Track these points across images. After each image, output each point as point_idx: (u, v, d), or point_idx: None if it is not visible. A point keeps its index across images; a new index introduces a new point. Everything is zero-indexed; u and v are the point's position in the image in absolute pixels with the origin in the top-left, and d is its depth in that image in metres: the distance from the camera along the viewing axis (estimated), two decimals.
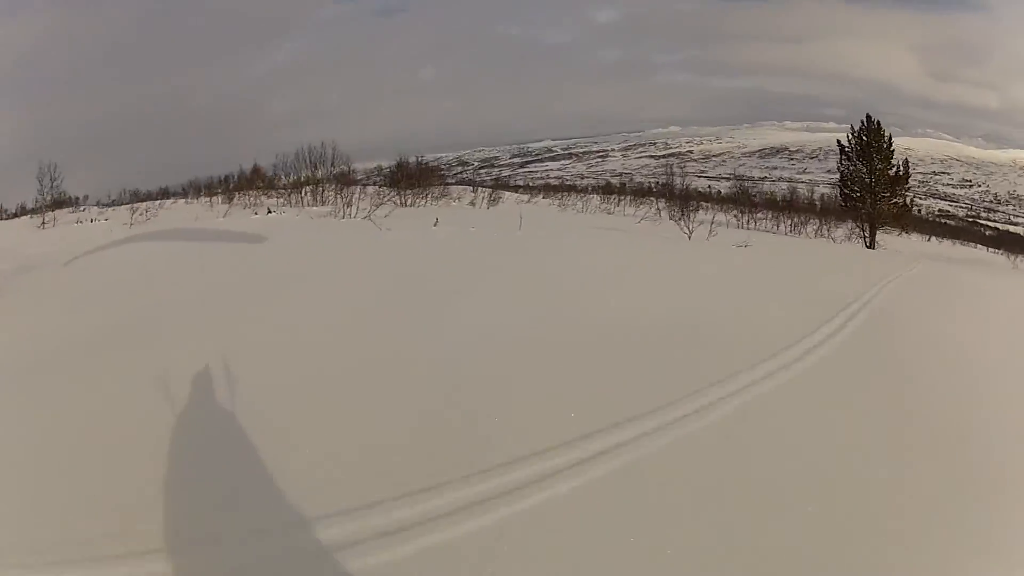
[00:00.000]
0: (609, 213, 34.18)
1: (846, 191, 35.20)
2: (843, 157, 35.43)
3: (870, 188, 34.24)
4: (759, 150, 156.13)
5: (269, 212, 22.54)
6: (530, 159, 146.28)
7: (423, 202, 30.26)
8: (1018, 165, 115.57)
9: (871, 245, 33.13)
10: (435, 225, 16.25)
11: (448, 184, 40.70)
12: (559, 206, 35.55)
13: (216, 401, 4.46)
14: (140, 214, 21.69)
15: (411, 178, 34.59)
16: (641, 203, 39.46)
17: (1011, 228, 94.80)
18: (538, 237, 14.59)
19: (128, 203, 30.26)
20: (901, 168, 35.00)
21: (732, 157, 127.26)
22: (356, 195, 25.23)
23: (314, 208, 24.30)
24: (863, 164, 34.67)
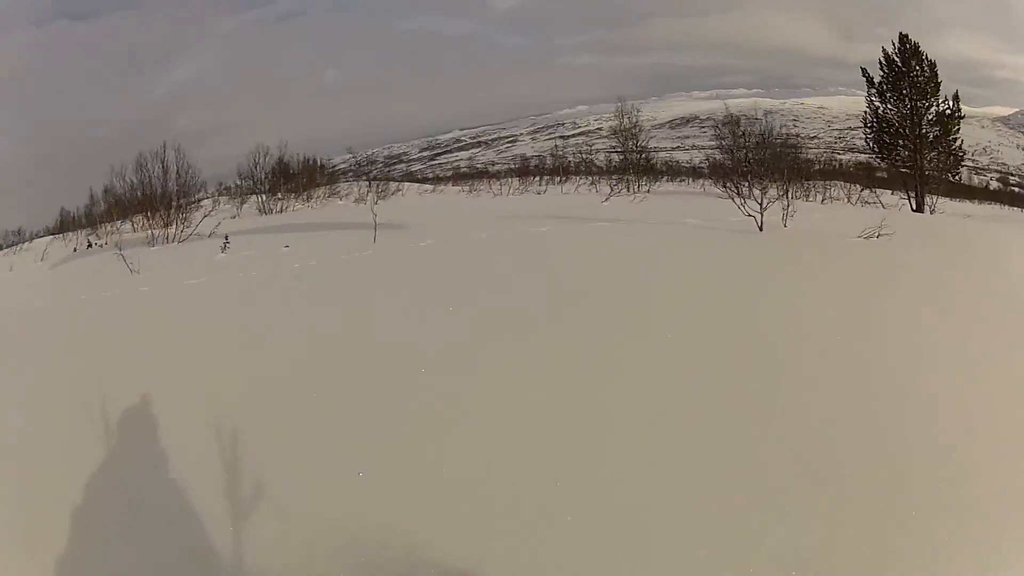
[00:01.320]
0: (539, 194, 27.94)
1: (883, 139, 27.95)
2: (872, 93, 28.19)
3: (912, 133, 27.22)
4: (669, 121, 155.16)
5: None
6: (440, 151, 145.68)
7: (300, 205, 25.95)
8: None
9: (920, 208, 26.16)
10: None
11: (337, 183, 35.10)
12: (469, 193, 29.98)
13: None
14: None
15: (290, 179, 30.84)
16: (569, 181, 34.30)
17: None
18: (426, 249, 10.64)
19: None
20: (951, 104, 27.46)
21: (642, 130, 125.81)
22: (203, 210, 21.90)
23: (129, 235, 20.23)
24: (900, 100, 27.57)
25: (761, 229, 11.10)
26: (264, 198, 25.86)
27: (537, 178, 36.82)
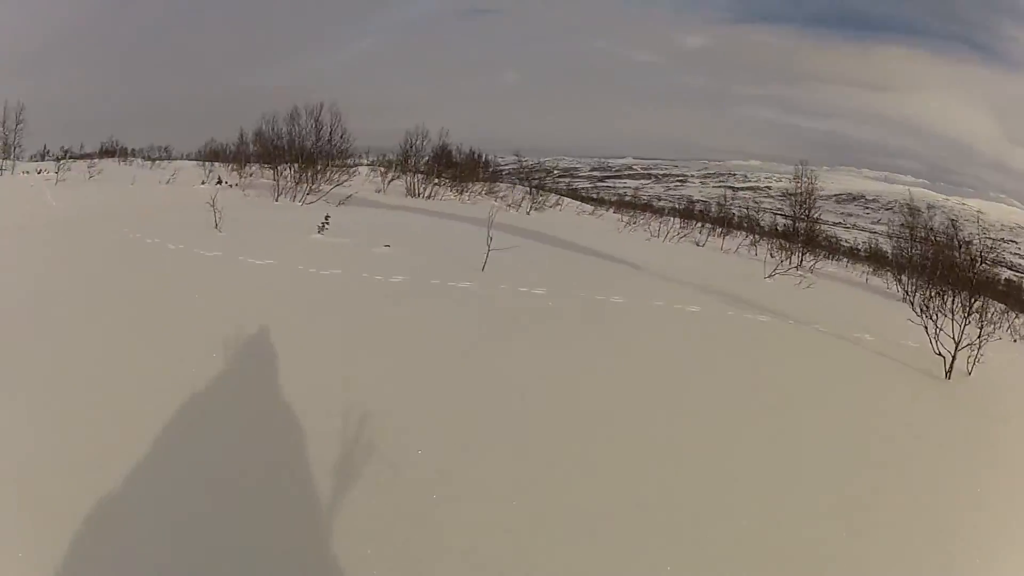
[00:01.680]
0: (698, 245, 25.78)
1: None
2: None
3: None
4: (836, 195, 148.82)
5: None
6: (609, 174, 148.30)
7: (452, 195, 24.74)
8: None
9: None
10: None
11: (498, 181, 34.41)
12: (627, 225, 27.81)
13: None
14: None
15: (449, 167, 29.40)
16: (731, 235, 32.14)
17: None
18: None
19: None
20: None
21: (816, 199, 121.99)
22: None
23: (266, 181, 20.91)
24: None
25: (948, 375, 8.20)
26: (416, 179, 24.74)
27: (700, 224, 34.95)
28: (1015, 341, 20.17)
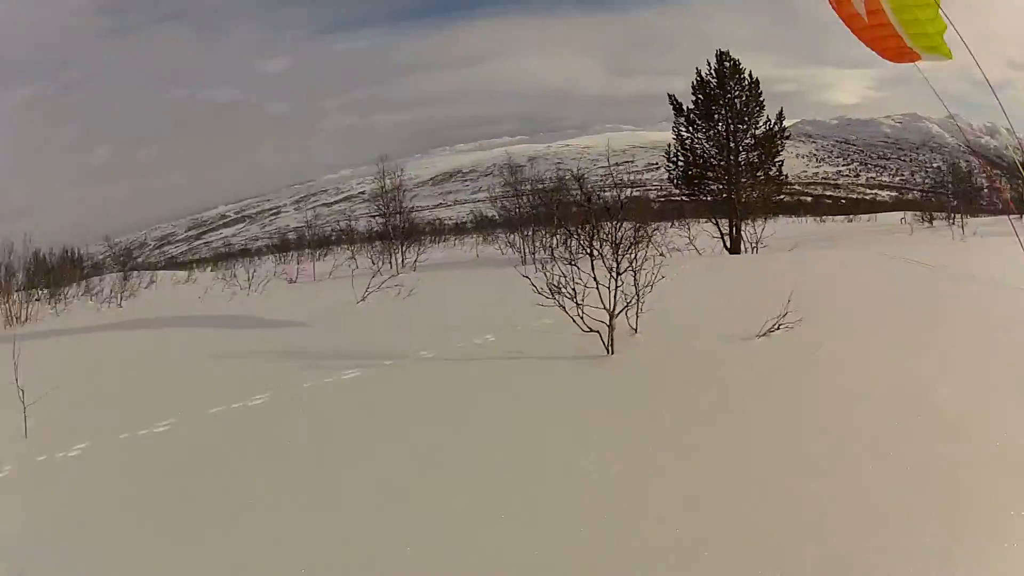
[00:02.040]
0: (291, 283, 22.77)
1: (692, 171, 25.21)
2: (680, 122, 25.44)
3: (728, 159, 24.59)
4: (432, 178, 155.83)
5: None
6: (205, 229, 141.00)
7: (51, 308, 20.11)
8: None
9: (736, 248, 23.73)
10: None
11: (95, 276, 29.81)
12: (224, 280, 24.10)
13: None
14: None
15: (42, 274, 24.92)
16: (329, 253, 32.43)
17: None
18: None
19: None
20: (774, 122, 25.10)
21: (406, 190, 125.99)
22: None
23: None
24: (713, 125, 24.91)
25: (611, 350, 7.40)
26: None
27: (295, 253, 33.44)
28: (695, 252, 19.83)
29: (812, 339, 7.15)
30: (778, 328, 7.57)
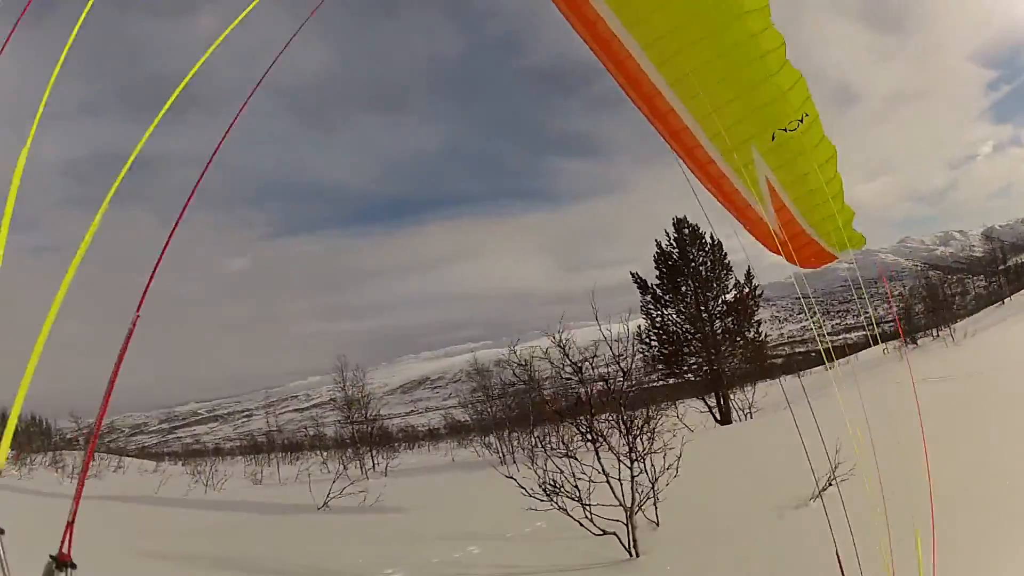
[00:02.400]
0: (256, 483, 22.12)
1: (667, 349, 24.32)
2: (648, 300, 24.76)
3: (703, 330, 23.69)
4: (401, 385, 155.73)
5: None
6: (178, 423, 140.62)
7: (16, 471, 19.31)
8: None
9: (727, 418, 22.64)
10: None
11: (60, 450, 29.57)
12: (193, 476, 22.88)
13: None
14: None
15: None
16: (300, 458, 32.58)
17: None
18: None
19: None
20: (744, 283, 24.72)
21: (375, 398, 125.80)
22: None
23: None
24: (681, 297, 24.21)
25: (635, 552, 6.39)
26: None
27: (265, 456, 34.40)
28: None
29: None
30: (831, 485, 6.81)
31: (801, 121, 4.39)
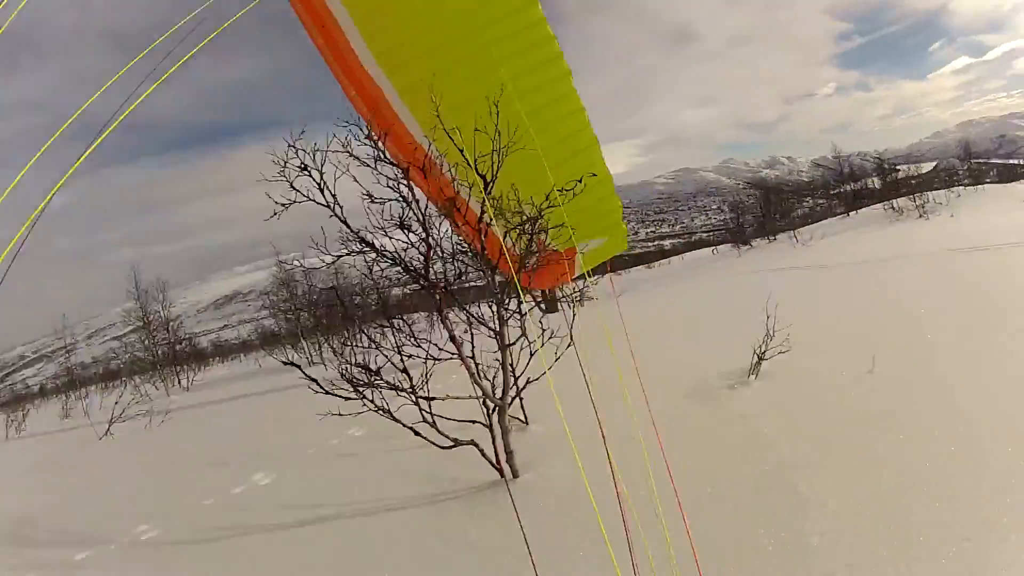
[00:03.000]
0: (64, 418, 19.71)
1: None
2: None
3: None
4: (214, 301, 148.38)
5: None
6: (8, 371, 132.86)
7: None
8: None
9: (553, 307, 20.13)
10: None
11: None
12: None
13: None
14: None
15: None
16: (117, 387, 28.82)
17: None
18: None
19: None
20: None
21: (188, 317, 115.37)
22: None
23: None
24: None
25: (510, 472, 4.81)
26: None
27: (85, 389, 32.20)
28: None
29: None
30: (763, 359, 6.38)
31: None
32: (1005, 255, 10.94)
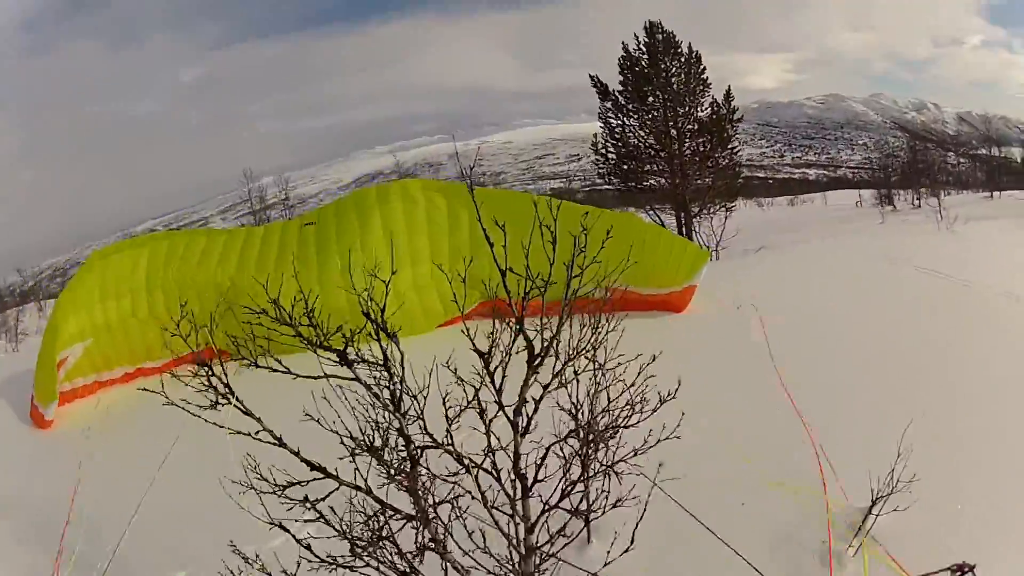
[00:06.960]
0: None
1: (627, 164, 21.06)
2: (607, 108, 21.21)
3: (671, 149, 20.38)
4: (354, 180, 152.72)
5: None
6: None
7: None
8: None
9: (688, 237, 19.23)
10: None
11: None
12: None
13: None
14: None
15: None
16: None
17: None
18: None
19: None
20: (722, 103, 21.04)
21: (329, 194, 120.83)
22: None
23: None
24: (647, 109, 20.75)
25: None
26: None
27: None
28: None
29: None
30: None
31: None
32: None
